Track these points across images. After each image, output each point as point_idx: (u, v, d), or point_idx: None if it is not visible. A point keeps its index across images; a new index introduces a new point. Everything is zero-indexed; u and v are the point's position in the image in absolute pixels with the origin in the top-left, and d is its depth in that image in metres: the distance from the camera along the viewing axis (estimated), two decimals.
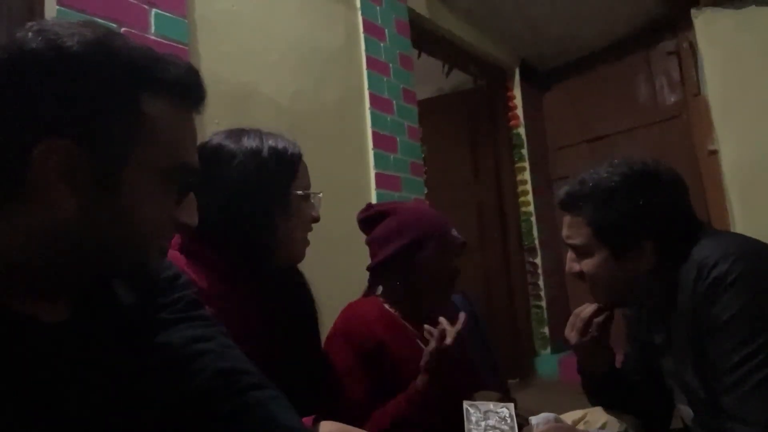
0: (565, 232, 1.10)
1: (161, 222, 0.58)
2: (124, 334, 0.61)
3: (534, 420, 1.01)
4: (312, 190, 1.04)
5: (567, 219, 1.09)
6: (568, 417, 1.17)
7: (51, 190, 0.51)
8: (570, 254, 1.11)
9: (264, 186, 0.94)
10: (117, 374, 0.59)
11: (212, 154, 0.95)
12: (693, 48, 3.22)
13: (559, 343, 3.74)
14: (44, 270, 0.54)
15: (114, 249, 0.55)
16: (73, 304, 0.58)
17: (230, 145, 0.96)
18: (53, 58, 0.50)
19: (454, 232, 1.31)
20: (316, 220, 1.04)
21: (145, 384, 0.61)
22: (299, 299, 1.04)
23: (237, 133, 0.99)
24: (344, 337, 1.22)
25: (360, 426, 0.80)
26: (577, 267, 1.09)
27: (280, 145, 0.99)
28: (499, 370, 2.59)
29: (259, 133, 0.99)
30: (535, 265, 3.89)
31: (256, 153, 0.95)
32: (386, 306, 1.31)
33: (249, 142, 0.96)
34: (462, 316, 1.18)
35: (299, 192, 0.99)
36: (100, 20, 1.41)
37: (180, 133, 0.58)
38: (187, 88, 0.59)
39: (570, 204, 1.08)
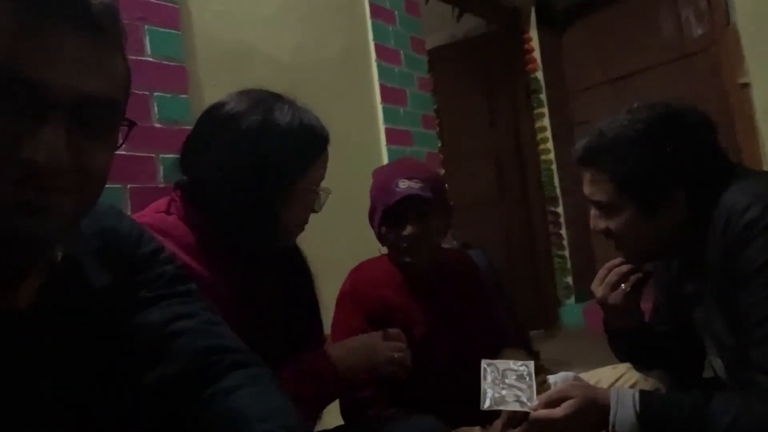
0: (586, 189, 1.02)
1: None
2: (96, 317, 0.58)
3: (552, 378, 1.01)
4: (324, 183, 0.96)
5: (587, 175, 1.01)
6: (594, 375, 1.14)
7: None
8: (594, 211, 1.04)
9: (274, 170, 0.86)
10: (90, 360, 0.56)
11: (231, 118, 0.87)
12: None
13: (583, 292, 3.70)
14: None
15: None
16: (38, 290, 0.55)
17: (256, 116, 0.87)
18: None
19: (401, 185, 1.17)
20: (315, 212, 0.97)
21: (122, 368, 0.59)
22: (294, 270, 1.00)
23: (269, 102, 0.89)
24: (353, 300, 1.23)
25: None
26: (602, 224, 1.01)
27: (308, 129, 0.90)
28: (520, 324, 2.60)
29: (292, 108, 0.90)
30: (556, 214, 3.84)
31: (285, 131, 0.87)
32: (393, 265, 1.29)
33: (278, 118, 0.87)
34: None
35: (308, 186, 0.92)
36: None
37: None
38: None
39: (589, 159, 0.99)
